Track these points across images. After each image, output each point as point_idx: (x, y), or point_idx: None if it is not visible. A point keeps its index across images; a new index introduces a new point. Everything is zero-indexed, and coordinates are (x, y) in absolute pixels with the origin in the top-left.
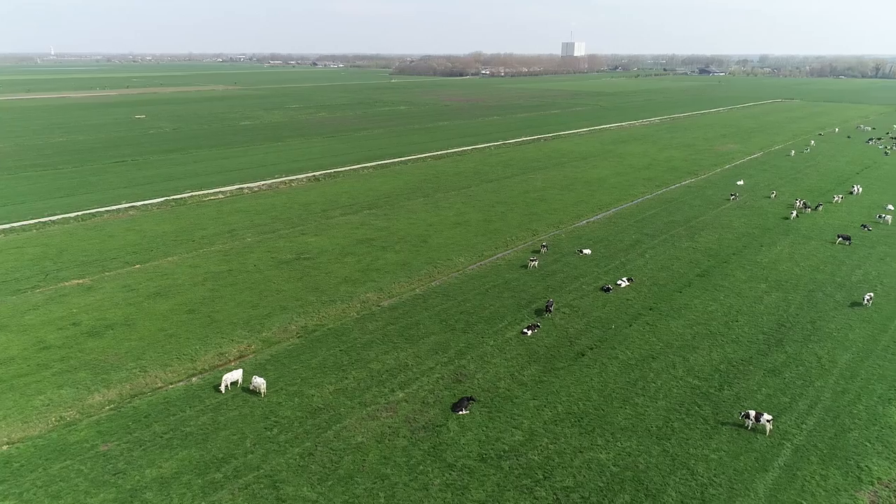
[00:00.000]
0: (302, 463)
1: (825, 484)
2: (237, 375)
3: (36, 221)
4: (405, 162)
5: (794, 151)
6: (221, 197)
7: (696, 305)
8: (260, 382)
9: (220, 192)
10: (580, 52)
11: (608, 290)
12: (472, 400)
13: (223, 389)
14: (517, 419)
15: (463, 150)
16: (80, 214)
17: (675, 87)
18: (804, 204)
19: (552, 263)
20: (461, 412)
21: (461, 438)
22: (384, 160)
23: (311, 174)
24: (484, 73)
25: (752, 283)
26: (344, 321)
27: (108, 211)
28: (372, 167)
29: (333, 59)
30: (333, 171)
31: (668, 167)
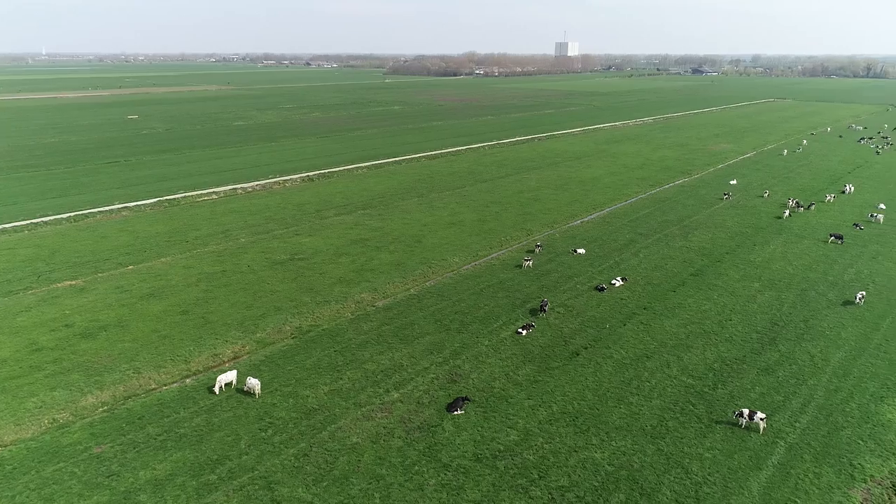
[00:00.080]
0: (297, 464)
1: (818, 482)
2: (231, 376)
3: (28, 222)
4: (399, 162)
5: (786, 151)
6: (215, 197)
7: (689, 304)
8: (254, 383)
9: (213, 192)
10: (574, 51)
11: (602, 289)
12: (467, 400)
13: (217, 390)
14: (512, 419)
15: (457, 150)
16: (72, 215)
17: (668, 86)
18: (797, 203)
19: (546, 263)
20: (456, 412)
21: (456, 438)
22: (378, 160)
23: (305, 174)
24: (478, 72)
25: (745, 282)
26: (338, 322)
27: (100, 212)
28: (366, 167)
29: (327, 59)
30: (327, 171)
31: (661, 167)
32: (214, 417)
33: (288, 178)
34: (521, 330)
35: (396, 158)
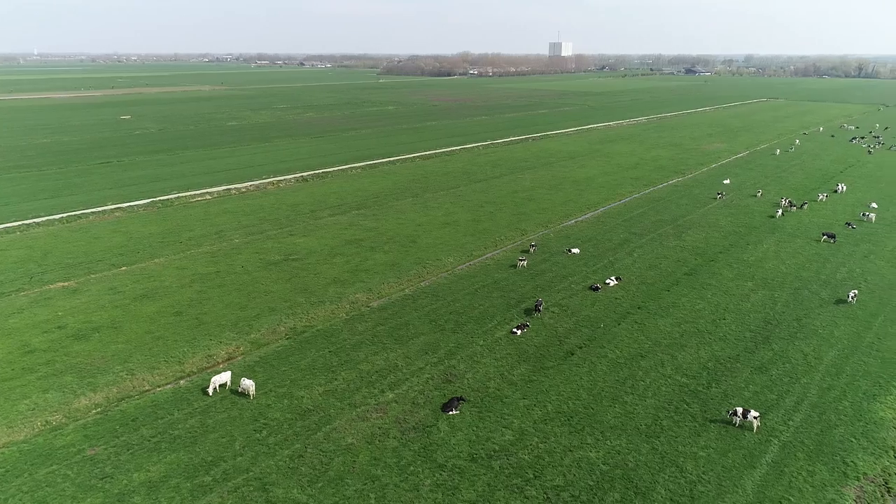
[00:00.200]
0: (292, 465)
1: (812, 480)
2: (226, 377)
3: (20, 223)
4: (394, 162)
5: (779, 150)
6: (209, 198)
7: (683, 304)
8: (249, 384)
9: (207, 192)
10: (567, 52)
11: (597, 289)
12: (462, 400)
13: (210, 392)
14: (507, 419)
15: (451, 150)
16: (64, 216)
17: (661, 86)
18: (790, 202)
19: (541, 263)
20: (451, 412)
21: (451, 438)
22: (372, 160)
23: (299, 175)
24: (472, 73)
25: (738, 281)
26: (333, 322)
27: (93, 212)
28: (360, 167)
29: (321, 59)
30: (322, 171)
31: (655, 166)
32: (209, 419)
33: (282, 178)
34: (515, 330)
35: (391, 158)
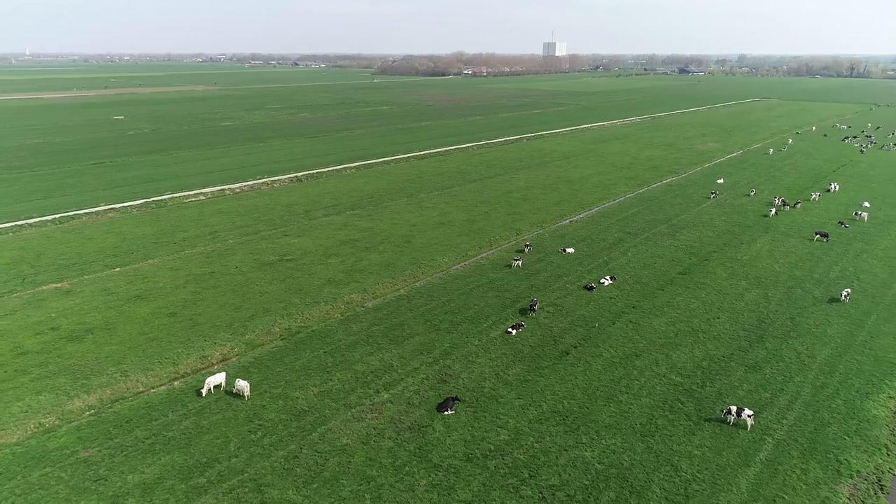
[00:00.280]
0: (287, 466)
1: (805, 477)
2: (220, 379)
3: (12, 225)
4: (388, 162)
5: (772, 150)
6: (203, 198)
7: (678, 303)
8: (243, 385)
9: (201, 193)
10: (561, 52)
11: (591, 288)
12: (457, 400)
13: (204, 392)
14: (502, 418)
15: (446, 150)
16: (57, 217)
17: (655, 86)
18: (783, 202)
19: (536, 263)
20: (446, 412)
21: (447, 439)
22: (367, 160)
23: (293, 175)
24: (466, 72)
25: (732, 280)
26: (328, 323)
27: (86, 213)
28: (355, 168)
29: (315, 59)
30: (316, 171)
31: (649, 166)
32: (203, 420)
33: (276, 178)
34: (510, 329)
35: (385, 159)
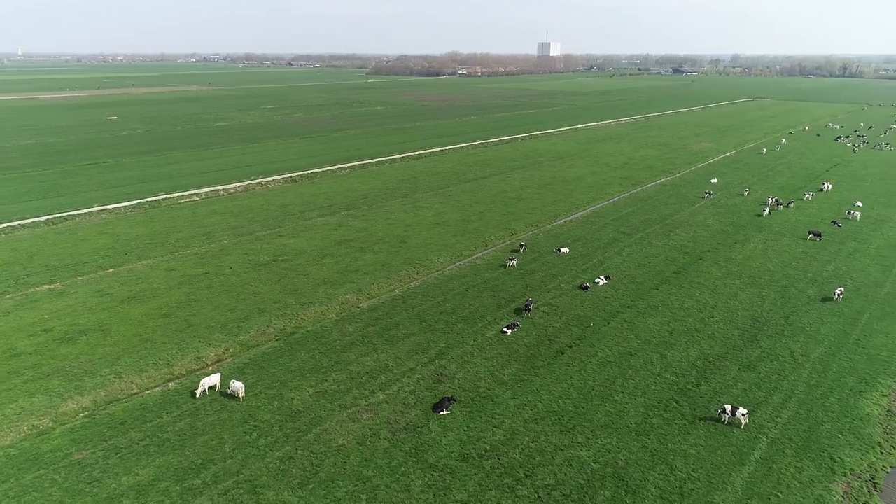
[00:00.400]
0: (282, 467)
1: (800, 476)
2: (215, 380)
3: (4, 226)
4: (383, 162)
5: (765, 149)
6: (197, 199)
7: (672, 302)
8: (238, 386)
9: (195, 194)
10: (556, 52)
11: (586, 288)
12: (452, 400)
13: (198, 394)
14: (498, 418)
15: (440, 150)
16: (50, 218)
17: (649, 86)
18: (776, 201)
19: (531, 262)
20: (442, 412)
21: (442, 439)
22: (361, 161)
23: (287, 175)
24: (461, 72)
25: (726, 279)
26: (323, 323)
27: (79, 214)
28: (349, 168)
29: (309, 59)
30: (310, 171)
31: (643, 166)
32: (198, 421)
33: (271, 178)
34: (505, 329)
35: (380, 159)
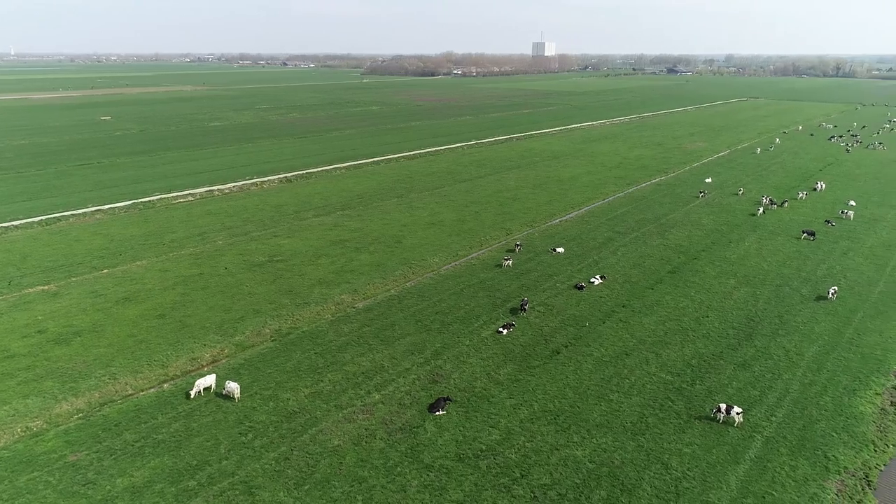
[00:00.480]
0: (278, 468)
1: (794, 474)
2: (210, 381)
3: None
4: (378, 162)
5: (759, 149)
6: (191, 199)
7: (667, 302)
8: (233, 387)
9: (189, 194)
10: (551, 52)
11: (581, 287)
12: (448, 400)
13: (193, 395)
14: (494, 418)
15: (436, 150)
16: (43, 219)
17: (644, 86)
18: (770, 200)
19: (526, 262)
20: (438, 413)
21: (438, 439)
22: (357, 161)
23: (282, 175)
24: (456, 72)
25: (721, 278)
26: (318, 323)
27: (73, 215)
28: (344, 168)
29: (304, 59)
30: (305, 172)
31: (638, 165)
32: (193, 422)
33: (265, 179)
34: (501, 329)
35: (375, 159)
